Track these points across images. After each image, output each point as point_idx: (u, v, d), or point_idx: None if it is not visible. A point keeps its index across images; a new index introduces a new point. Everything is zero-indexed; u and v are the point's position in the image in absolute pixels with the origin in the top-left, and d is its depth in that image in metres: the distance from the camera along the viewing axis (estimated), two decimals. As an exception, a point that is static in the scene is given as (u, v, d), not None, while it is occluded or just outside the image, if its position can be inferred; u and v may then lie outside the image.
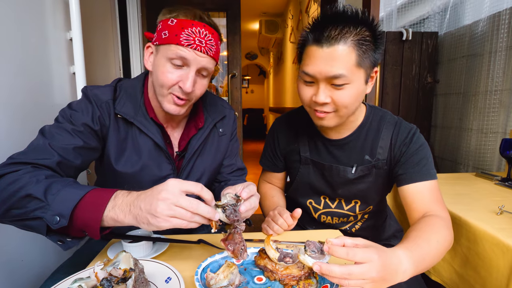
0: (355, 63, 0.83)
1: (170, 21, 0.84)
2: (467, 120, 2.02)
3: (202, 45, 0.83)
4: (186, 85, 0.84)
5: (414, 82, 2.35)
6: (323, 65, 0.83)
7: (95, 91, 0.90)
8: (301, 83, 0.92)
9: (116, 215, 0.64)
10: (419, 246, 0.70)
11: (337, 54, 0.82)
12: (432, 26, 2.39)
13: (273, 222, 0.95)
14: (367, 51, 0.84)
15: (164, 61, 0.85)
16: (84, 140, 0.84)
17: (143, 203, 0.62)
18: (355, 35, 0.82)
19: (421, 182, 0.91)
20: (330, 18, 0.85)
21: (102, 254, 0.81)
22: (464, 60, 2.06)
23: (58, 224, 0.62)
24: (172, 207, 0.61)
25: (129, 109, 0.91)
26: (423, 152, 0.95)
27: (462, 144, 2.06)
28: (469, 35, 2.01)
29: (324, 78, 0.84)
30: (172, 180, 0.63)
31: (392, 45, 2.30)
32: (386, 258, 0.60)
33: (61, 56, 1.36)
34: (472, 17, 2.04)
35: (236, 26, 2.97)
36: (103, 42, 1.95)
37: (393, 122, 1.01)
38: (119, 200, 0.65)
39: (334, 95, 0.86)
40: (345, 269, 0.56)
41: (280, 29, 6.08)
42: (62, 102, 1.35)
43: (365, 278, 0.56)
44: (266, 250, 0.73)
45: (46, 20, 1.27)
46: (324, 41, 0.83)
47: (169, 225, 0.61)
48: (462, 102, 2.08)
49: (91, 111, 0.87)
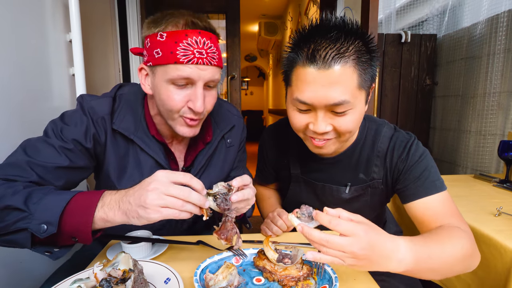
0: (357, 85, 0.73)
1: (159, 36, 0.74)
2: (465, 122, 2.02)
3: (203, 56, 0.75)
4: (196, 106, 0.77)
5: (413, 84, 2.36)
6: (322, 91, 0.71)
7: (92, 103, 0.83)
8: (294, 110, 0.80)
9: (105, 214, 0.63)
10: (426, 244, 0.64)
11: (337, 77, 0.70)
12: (431, 28, 2.41)
13: (272, 224, 0.95)
14: (366, 68, 0.74)
15: (165, 84, 0.77)
16: (71, 159, 0.77)
17: (132, 197, 0.62)
18: (354, 51, 0.71)
19: (428, 197, 0.80)
20: (320, 31, 0.73)
21: (101, 255, 0.82)
22: (463, 62, 2.07)
23: (46, 233, 0.60)
24: (162, 197, 0.60)
25: (129, 124, 0.85)
26: (424, 163, 0.84)
27: (461, 146, 2.07)
28: (467, 38, 2.02)
29: (324, 106, 0.74)
30: (160, 171, 0.63)
31: (391, 47, 2.31)
32: (378, 239, 0.57)
33: (61, 58, 1.36)
34: (470, 19, 2.05)
35: (235, 28, 2.98)
36: (102, 44, 1.96)
37: (389, 136, 0.91)
38: (107, 199, 0.65)
39: (336, 122, 0.76)
40: (324, 235, 0.56)
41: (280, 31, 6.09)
42: (61, 104, 1.35)
43: (345, 251, 0.54)
44: (265, 251, 0.74)
45: (46, 22, 1.28)
46: (320, 62, 0.70)
47: (159, 216, 0.60)
48: (460, 104, 2.09)
49: (85, 126, 0.80)
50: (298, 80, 0.75)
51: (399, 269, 0.60)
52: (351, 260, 0.56)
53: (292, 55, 0.76)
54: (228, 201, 0.69)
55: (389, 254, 0.58)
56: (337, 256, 0.56)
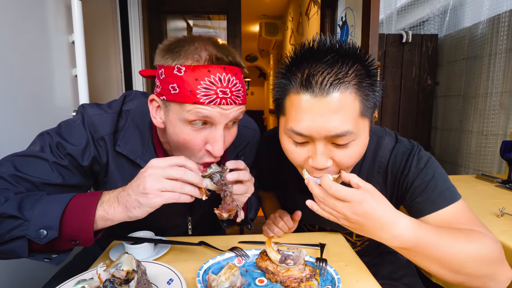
0: (359, 113, 0.65)
1: (177, 69, 0.65)
2: (467, 122, 2.02)
3: (227, 96, 0.66)
4: (216, 150, 0.69)
5: (414, 84, 2.35)
6: (321, 120, 0.63)
7: (93, 119, 0.76)
8: (289, 143, 0.71)
9: (105, 212, 0.63)
10: (436, 231, 0.62)
11: (337, 104, 0.62)
12: (432, 28, 2.40)
13: (273, 225, 0.95)
14: (369, 94, 0.66)
15: (180, 124, 0.68)
16: (64, 177, 0.73)
17: (130, 188, 0.62)
18: (354, 76, 0.64)
19: (438, 212, 0.73)
20: (315, 55, 0.65)
21: (104, 256, 0.82)
22: (464, 62, 2.07)
23: (47, 238, 0.59)
24: (161, 180, 0.61)
25: (136, 146, 0.79)
26: (428, 173, 0.76)
27: (463, 146, 2.06)
28: (469, 38, 2.02)
29: (323, 137, 0.65)
30: (154, 159, 0.64)
31: (392, 48, 2.31)
32: (375, 209, 0.60)
33: (63, 59, 1.37)
34: (471, 19, 2.04)
35: (236, 28, 2.98)
36: (104, 45, 1.97)
37: (390, 148, 0.82)
38: (106, 197, 0.65)
39: (337, 156, 0.68)
40: (322, 193, 0.63)
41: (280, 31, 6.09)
42: (64, 104, 1.36)
43: (338, 212, 0.61)
44: (267, 252, 0.74)
45: (48, 23, 1.28)
46: (316, 88, 0.62)
47: (161, 200, 0.61)
48: (462, 104, 2.08)
49: (84, 142, 0.75)
50: (292, 109, 0.66)
51: (393, 244, 0.62)
52: (343, 221, 0.63)
53: (284, 81, 0.68)
54: (224, 178, 0.71)
55: (384, 226, 0.61)
56: (330, 213, 0.64)
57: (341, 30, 2.40)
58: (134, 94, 0.87)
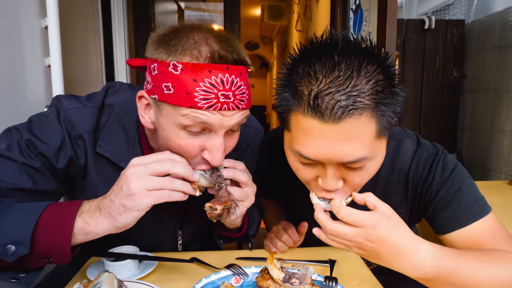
0: (376, 135, 0.64)
1: (172, 66, 0.63)
2: (498, 121, 2.02)
3: (229, 100, 0.65)
4: (214, 160, 0.69)
5: (438, 77, 2.35)
6: (331, 147, 0.62)
7: (70, 113, 0.74)
8: (296, 161, 0.72)
9: (85, 223, 0.62)
10: (460, 256, 0.64)
11: (351, 132, 0.61)
12: (458, 13, 2.40)
13: (277, 239, 0.95)
14: (388, 104, 0.63)
15: (175, 128, 0.67)
16: (35, 181, 0.71)
17: (113, 193, 0.62)
18: (370, 92, 0.61)
19: (465, 228, 0.74)
20: (325, 68, 0.62)
21: (81, 275, 0.81)
22: (495, 51, 2.06)
23: (15, 255, 0.57)
24: (146, 178, 0.61)
25: (120, 148, 0.78)
26: (454, 184, 0.76)
27: (494, 148, 2.06)
28: (500, 24, 2.02)
29: (335, 163, 0.66)
30: (136, 158, 0.64)
31: (413, 35, 2.31)
32: (391, 235, 0.60)
33: (35, 46, 1.36)
34: (503, 3, 2.04)
35: (235, 12, 2.98)
36: (82, 31, 1.96)
37: (411, 153, 0.82)
38: (85, 207, 0.64)
39: (349, 177, 0.68)
40: (329, 224, 0.63)
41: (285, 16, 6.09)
42: (35, 99, 1.35)
43: (350, 240, 0.61)
44: (269, 269, 0.74)
45: (18, 5, 1.28)
46: (327, 113, 0.60)
47: (149, 200, 0.60)
48: (493, 99, 2.08)
49: (59, 140, 0.73)
50: (299, 131, 0.66)
51: (412, 274, 0.63)
52: (357, 250, 0.63)
53: (288, 96, 0.66)
54: (220, 172, 0.72)
55: (402, 254, 0.61)
56: (342, 244, 0.63)
57: (354, 15, 2.40)
58: (118, 86, 0.86)
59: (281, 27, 6.46)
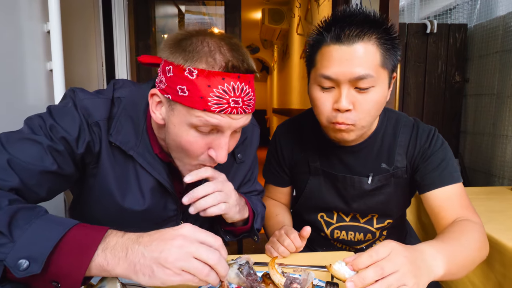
0: (380, 63, 0.88)
1: (188, 71, 0.69)
2: (501, 126, 2.03)
3: (239, 105, 0.72)
4: (219, 157, 0.76)
5: (440, 81, 2.37)
6: (346, 65, 0.86)
7: (85, 102, 0.79)
8: (318, 90, 0.94)
9: (105, 261, 0.56)
10: (448, 238, 0.77)
11: (361, 52, 0.86)
12: (460, 17, 2.42)
13: (279, 243, 0.95)
14: (389, 50, 0.89)
15: (185, 127, 0.74)
16: (59, 164, 0.73)
17: (149, 248, 0.57)
18: (376, 33, 0.87)
19: (444, 187, 0.95)
20: (347, 18, 0.88)
21: (83, 279, 0.82)
22: (498, 56, 2.08)
23: (26, 272, 0.53)
24: (188, 258, 0.56)
25: (129, 137, 0.82)
26: (442, 153, 0.99)
27: (497, 153, 2.07)
28: (503, 28, 2.03)
29: (348, 80, 0.87)
30: (188, 226, 0.60)
31: (415, 39, 2.33)
32: (403, 245, 0.65)
33: (37, 51, 1.38)
34: (506, 7, 2.06)
35: (235, 16, 3.00)
36: (83, 35, 1.98)
37: (410, 125, 1.05)
38: (112, 241, 0.58)
39: (358, 101, 0.89)
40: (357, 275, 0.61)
41: (286, 19, 6.12)
42: (37, 103, 1.37)
43: (383, 271, 0.60)
44: (270, 274, 0.74)
45: (20, 9, 1.30)
46: (344, 39, 0.86)
47: (178, 280, 0.56)
48: (495, 104, 2.09)
49: (77, 127, 0.76)
50: (323, 59, 0.90)
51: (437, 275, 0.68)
52: (397, 277, 0.60)
53: (318, 37, 0.92)
54: (252, 270, 0.75)
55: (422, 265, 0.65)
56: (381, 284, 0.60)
57: (356, 19, 2.42)
58: (122, 82, 0.90)
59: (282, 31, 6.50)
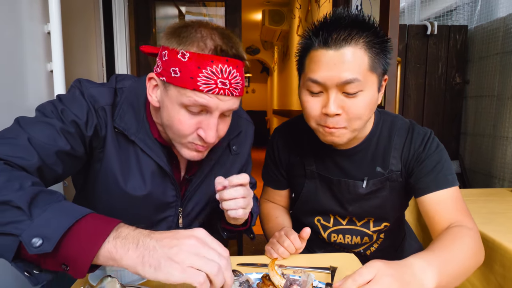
0: (368, 67, 0.87)
1: (181, 54, 0.76)
2: (502, 127, 2.03)
3: (226, 87, 0.78)
4: (208, 137, 0.81)
5: (441, 83, 2.37)
6: (334, 70, 0.85)
7: (91, 90, 0.85)
8: (307, 94, 0.94)
9: (115, 249, 0.58)
10: (440, 248, 0.77)
11: (348, 57, 0.85)
12: (461, 19, 2.43)
13: (278, 244, 0.96)
14: (378, 54, 0.88)
15: (177, 107, 0.80)
16: (72, 145, 0.78)
17: (161, 243, 0.58)
18: (365, 36, 0.86)
19: (439, 191, 0.94)
20: (334, 21, 0.88)
21: (83, 280, 0.82)
22: (498, 58, 2.08)
23: (38, 249, 0.55)
24: (199, 257, 0.58)
25: (131, 123, 0.88)
26: (437, 157, 0.98)
27: (497, 155, 2.07)
28: (503, 30, 2.04)
29: (335, 85, 0.86)
30: (202, 230, 0.62)
31: (415, 41, 2.33)
32: (387, 262, 0.65)
33: (37, 52, 1.38)
34: (507, 9, 2.07)
35: (236, 17, 3.01)
36: (84, 36, 1.99)
37: (406, 128, 1.04)
38: (124, 232, 0.60)
39: (347, 105, 0.88)
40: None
41: (286, 20, 6.13)
42: (37, 104, 1.36)
43: None
44: (270, 276, 0.75)
45: (21, 10, 1.30)
46: (332, 44, 0.85)
47: (181, 278, 0.56)
48: (496, 106, 2.10)
49: (85, 112, 0.82)
50: (311, 63, 0.90)
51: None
52: None
53: (307, 41, 0.92)
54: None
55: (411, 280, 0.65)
56: None
57: (356, 20, 2.43)
58: (124, 76, 0.96)
59: (282, 32, 6.51)
